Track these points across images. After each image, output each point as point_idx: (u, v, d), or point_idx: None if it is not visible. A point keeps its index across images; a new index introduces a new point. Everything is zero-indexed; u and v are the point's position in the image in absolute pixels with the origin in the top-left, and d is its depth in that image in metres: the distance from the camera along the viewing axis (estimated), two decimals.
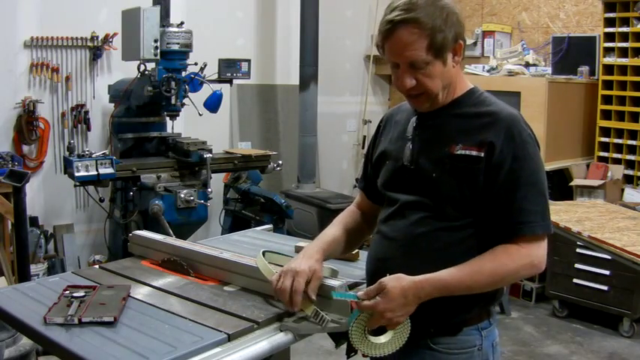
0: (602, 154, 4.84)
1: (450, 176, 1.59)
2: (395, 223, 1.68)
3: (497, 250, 1.57)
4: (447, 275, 1.54)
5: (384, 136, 1.81)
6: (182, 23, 3.91)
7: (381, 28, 1.58)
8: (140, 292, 1.82)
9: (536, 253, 1.57)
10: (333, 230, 1.85)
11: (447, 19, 1.55)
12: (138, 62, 3.93)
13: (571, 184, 4.72)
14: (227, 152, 4.36)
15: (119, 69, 4.53)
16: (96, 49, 4.50)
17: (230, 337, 1.52)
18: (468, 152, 1.58)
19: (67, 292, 1.73)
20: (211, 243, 2.31)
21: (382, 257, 1.70)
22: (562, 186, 4.78)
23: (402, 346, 1.56)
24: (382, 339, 1.55)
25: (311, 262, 1.65)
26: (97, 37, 4.48)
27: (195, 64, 3.95)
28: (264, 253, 1.78)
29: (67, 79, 4.45)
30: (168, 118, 4.16)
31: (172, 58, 3.85)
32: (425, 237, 1.62)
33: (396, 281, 1.52)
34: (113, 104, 4.28)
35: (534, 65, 5.14)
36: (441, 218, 1.61)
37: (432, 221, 1.62)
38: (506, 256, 1.56)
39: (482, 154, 1.57)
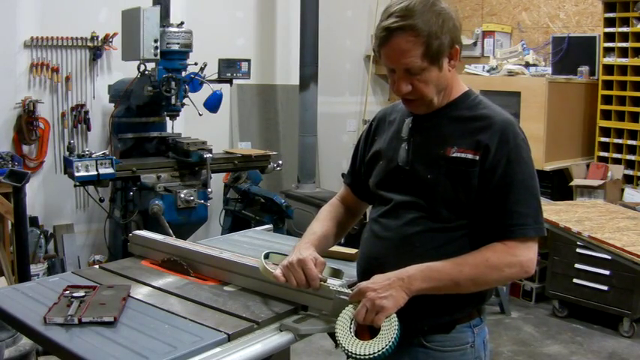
0: (602, 154, 4.84)
1: (445, 178, 1.60)
2: (388, 222, 1.69)
3: (483, 248, 1.58)
4: (430, 263, 1.56)
5: (378, 135, 1.81)
6: (182, 23, 3.92)
7: (378, 34, 1.58)
8: (140, 292, 1.82)
9: (525, 255, 1.57)
10: (321, 226, 1.85)
11: (443, 26, 1.55)
12: (138, 62, 3.93)
13: (571, 184, 4.71)
14: (227, 152, 4.36)
15: (119, 69, 4.53)
16: (96, 49, 4.50)
17: (230, 337, 1.52)
18: (463, 155, 1.59)
19: (67, 292, 1.73)
20: (211, 243, 2.32)
21: (375, 256, 1.70)
22: (562, 186, 4.78)
23: (390, 351, 1.49)
24: (367, 342, 1.49)
25: (309, 251, 1.68)
26: (97, 37, 4.47)
27: (195, 64, 3.96)
28: (268, 255, 1.78)
29: (67, 79, 4.45)
30: (168, 118, 4.17)
31: (172, 58, 3.86)
32: (418, 237, 1.62)
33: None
34: (113, 104, 4.28)
35: (534, 65, 5.13)
36: (434, 219, 1.62)
37: (426, 221, 1.62)
38: (491, 252, 1.56)
39: (478, 157, 1.58)
